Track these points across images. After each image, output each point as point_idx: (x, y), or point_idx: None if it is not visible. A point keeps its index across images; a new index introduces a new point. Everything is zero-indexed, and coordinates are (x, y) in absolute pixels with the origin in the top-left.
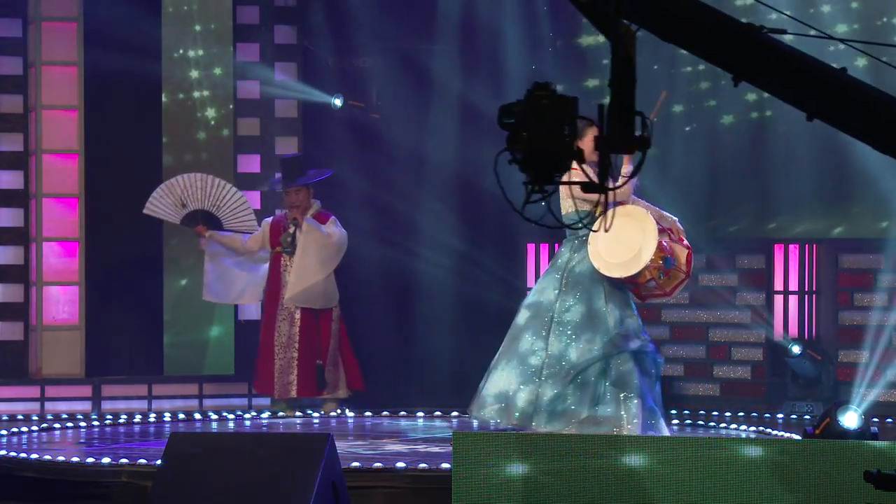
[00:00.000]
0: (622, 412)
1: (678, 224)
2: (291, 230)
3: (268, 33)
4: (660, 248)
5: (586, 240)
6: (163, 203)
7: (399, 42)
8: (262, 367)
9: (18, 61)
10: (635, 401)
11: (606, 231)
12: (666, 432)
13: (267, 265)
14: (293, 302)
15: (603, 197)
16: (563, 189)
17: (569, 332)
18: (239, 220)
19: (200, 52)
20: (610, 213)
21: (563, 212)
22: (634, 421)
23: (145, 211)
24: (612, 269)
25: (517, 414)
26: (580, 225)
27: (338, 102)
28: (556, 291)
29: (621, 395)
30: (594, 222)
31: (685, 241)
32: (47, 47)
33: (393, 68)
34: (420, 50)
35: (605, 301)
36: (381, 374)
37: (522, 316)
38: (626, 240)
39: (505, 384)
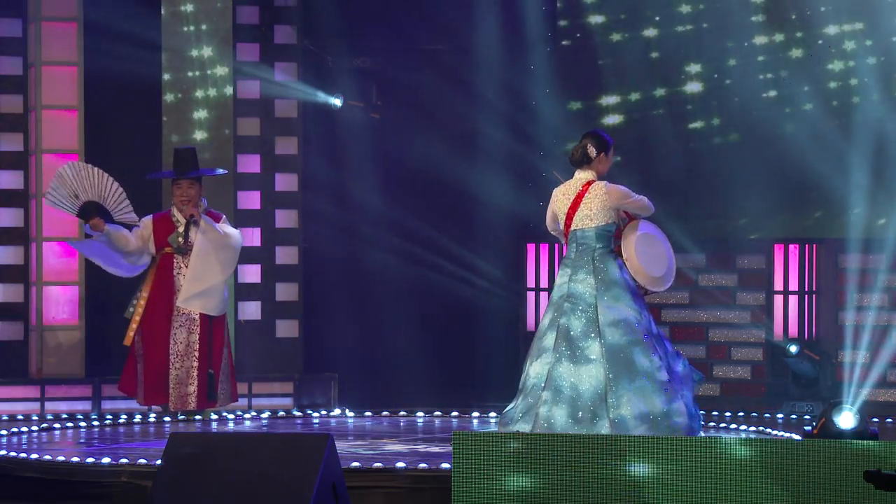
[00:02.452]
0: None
1: None
2: (182, 228)
3: (268, 33)
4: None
5: (610, 252)
6: (59, 194)
7: (399, 42)
8: (148, 376)
9: (18, 61)
10: None
11: None
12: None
13: (142, 265)
14: (189, 306)
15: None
16: (599, 201)
17: (663, 345)
18: (122, 212)
19: (200, 52)
20: (634, 232)
21: (599, 223)
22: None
23: (46, 203)
24: (657, 283)
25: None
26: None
27: (338, 102)
28: (638, 308)
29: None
30: None
31: None
32: (47, 47)
33: (393, 68)
34: (421, 50)
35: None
36: (382, 375)
37: (615, 335)
38: (658, 254)
39: (646, 405)
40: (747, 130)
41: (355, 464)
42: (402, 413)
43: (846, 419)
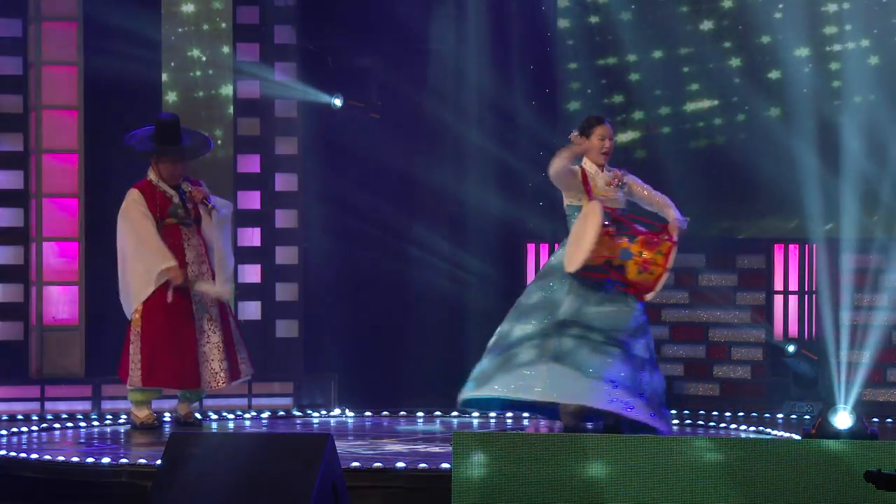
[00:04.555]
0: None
1: (675, 212)
2: (177, 199)
3: (268, 33)
4: (608, 243)
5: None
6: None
7: (399, 42)
8: (167, 357)
9: (18, 61)
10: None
11: None
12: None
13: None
14: (228, 295)
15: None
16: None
17: (518, 314)
18: None
19: (200, 52)
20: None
21: (565, 203)
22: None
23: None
24: (566, 265)
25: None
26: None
27: (338, 102)
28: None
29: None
30: None
31: (672, 237)
32: (47, 47)
33: (393, 68)
34: (420, 50)
35: (566, 293)
36: (382, 375)
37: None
38: (577, 235)
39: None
40: (746, 132)
41: (355, 464)
42: (402, 413)
43: (842, 419)
